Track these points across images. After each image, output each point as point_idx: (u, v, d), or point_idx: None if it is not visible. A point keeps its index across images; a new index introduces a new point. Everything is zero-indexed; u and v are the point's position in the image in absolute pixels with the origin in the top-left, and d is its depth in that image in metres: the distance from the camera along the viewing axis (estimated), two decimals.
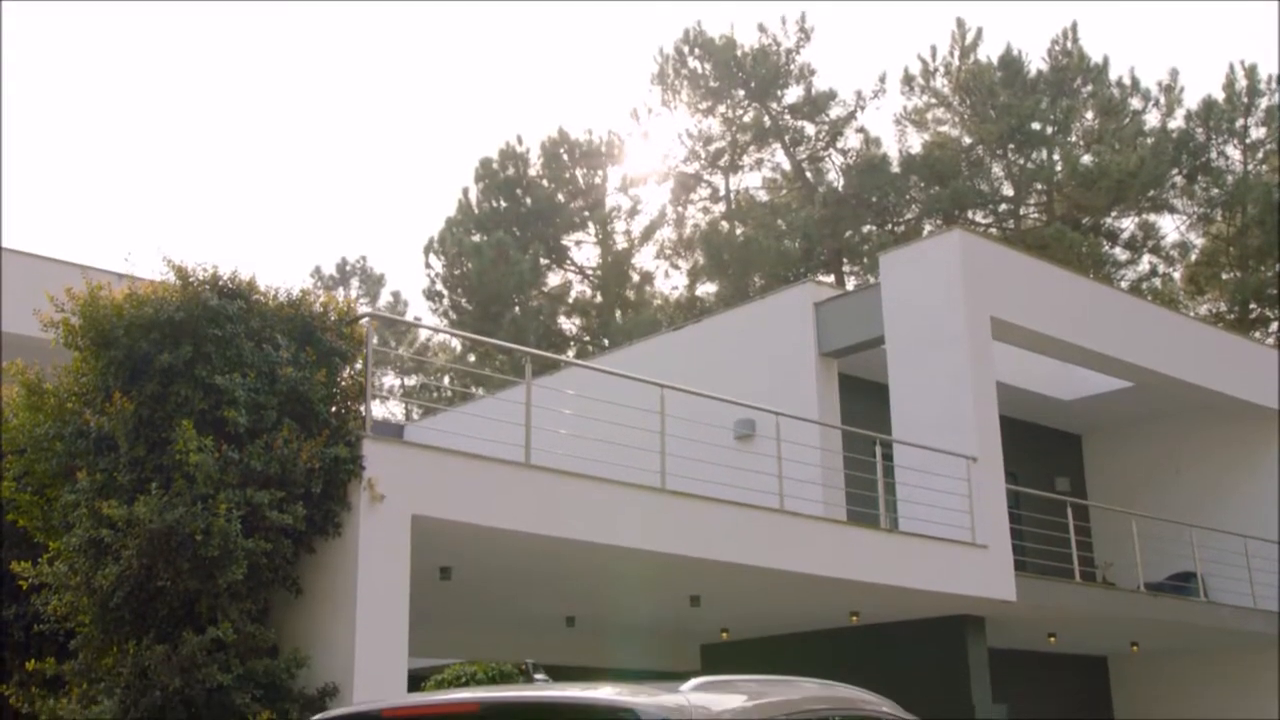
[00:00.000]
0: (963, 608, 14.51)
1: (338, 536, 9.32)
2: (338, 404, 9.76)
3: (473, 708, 4.29)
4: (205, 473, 8.58)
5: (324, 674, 9.05)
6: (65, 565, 8.91)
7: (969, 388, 14.64)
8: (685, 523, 11.42)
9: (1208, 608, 17.19)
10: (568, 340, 38.60)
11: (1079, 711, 19.19)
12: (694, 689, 4.43)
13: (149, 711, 8.39)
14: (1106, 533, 18.73)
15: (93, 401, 9.31)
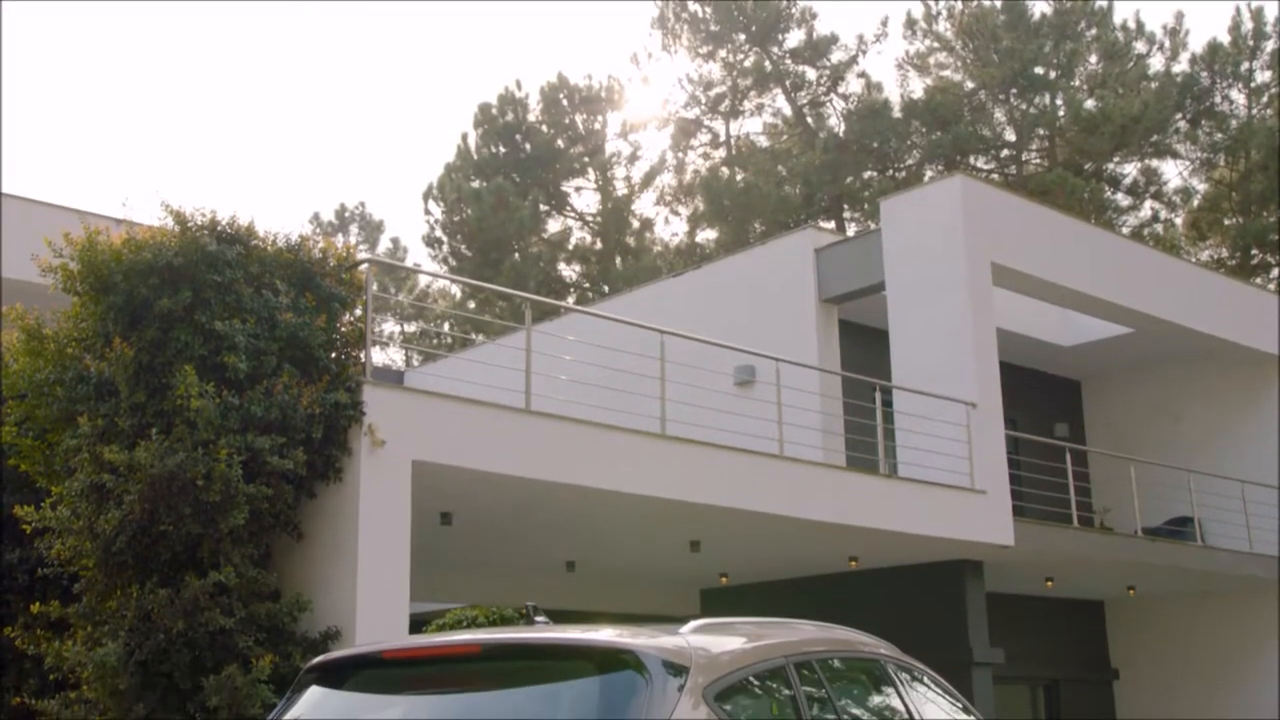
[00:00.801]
0: (961, 552, 14.60)
1: (338, 482, 9.36)
2: (338, 350, 9.77)
3: (474, 649, 4.33)
4: (206, 418, 8.60)
5: (326, 618, 9.12)
6: (67, 510, 8.96)
7: (969, 334, 14.65)
8: (685, 468, 11.46)
9: (1204, 552, 17.30)
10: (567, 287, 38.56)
11: (1075, 655, 19.38)
12: (693, 631, 4.47)
13: (153, 654, 8.47)
14: (1105, 478, 18.82)
15: (93, 347, 9.32)
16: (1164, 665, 19.23)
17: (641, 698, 3.94)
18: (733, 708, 4.21)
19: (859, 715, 5.13)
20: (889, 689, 5.45)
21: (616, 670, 4.04)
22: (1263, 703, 18.07)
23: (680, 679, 4.06)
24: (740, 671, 4.38)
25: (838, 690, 4.94)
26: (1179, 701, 18.93)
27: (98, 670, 8.53)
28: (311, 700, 4.49)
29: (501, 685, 4.25)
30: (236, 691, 8.23)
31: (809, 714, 4.60)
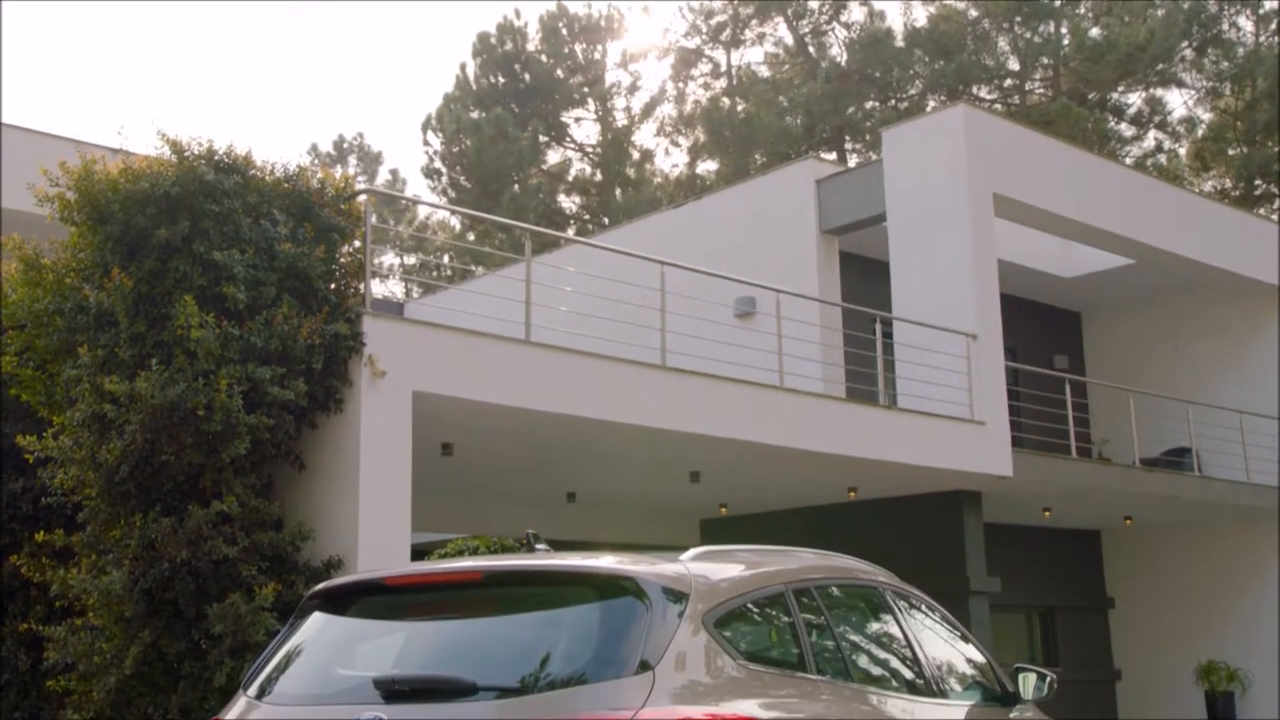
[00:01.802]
0: (960, 483, 14.68)
1: (339, 412, 9.38)
2: (337, 281, 9.74)
3: (475, 575, 4.37)
4: (206, 349, 8.60)
5: (328, 547, 9.19)
6: (69, 440, 8.99)
7: (970, 265, 14.61)
8: (685, 399, 11.48)
9: (1201, 482, 17.39)
10: (567, 219, 38.40)
11: (1071, 584, 19.56)
12: (693, 558, 4.50)
13: (157, 582, 8.54)
14: (1104, 409, 18.88)
15: (91, 277, 9.29)
16: (1159, 594, 19.42)
17: (641, 624, 3.98)
18: (732, 634, 4.25)
19: (858, 642, 5.19)
20: (887, 616, 5.50)
21: (617, 597, 4.08)
22: (1260, 631, 18.26)
23: (680, 605, 4.10)
24: (740, 598, 4.42)
25: (836, 617, 4.99)
26: (1174, 629, 19.14)
27: (103, 598, 8.61)
28: (314, 626, 4.54)
29: (502, 611, 4.29)
30: (240, 619, 8.31)
31: (808, 640, 4.64)
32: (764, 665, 4.31)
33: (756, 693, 4.09)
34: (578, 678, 3.86)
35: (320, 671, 4.42)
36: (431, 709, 3.91)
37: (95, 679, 8.75)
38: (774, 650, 4.54)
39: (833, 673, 4.66)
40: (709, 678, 4.00)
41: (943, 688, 5.46)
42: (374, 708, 3.95)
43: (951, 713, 5.33)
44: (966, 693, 5.72)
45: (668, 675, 3.86)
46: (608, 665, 3.86)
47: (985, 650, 6.24)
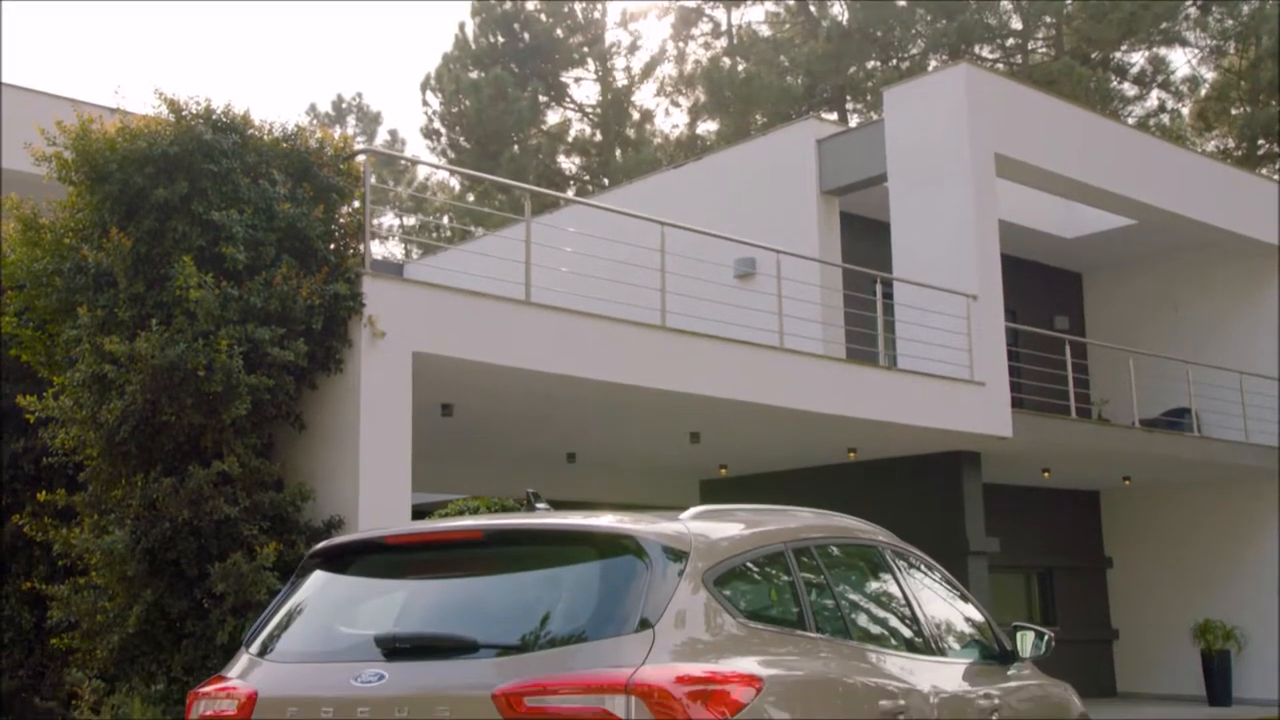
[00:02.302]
0: (959, 444, 14.70)
1: (339, 373, 9.38)
2: (336, 242, 9.72)
3: (476, 534, 4.38)
4: (206, 309, 8.59)
5: (329, 507, 9.22)
6: (70, 400, 9.00)
7: (971, 225, 14.57)
8: (685, 360, 11.48)
9: (1200, 442, 17.42)
10: (567, 180, 38.26)
11: (1070, 544, 19.64)
12: (693, 517, 4.51)
13: (159, 542, 8.57)
14: (1104, 370, 18.89)
15: (90, 237, 9.27)
16: (1157, 555, 19.50)
17: (641, 582, 3.99)
18: (732, 592, 4.27)
19: (857, 600, 5.20)
20: (886, 575, 5.52)
21: (617, 555, 4.09)
22: (1257, 591, 18.36)
23: (680, 564, 4.11)
24: (739, 557, 4.44)
25: (836, 576, 5.01)
26: (1171, 589, 19.24)
27: (105, 557, 8.65)
28: (315, 584, 4.56)
29: (503, 570, 4.31)
30: (242, 578, 8.35)
31: (807, 599, 4.66)
32: (764, 623, 4.33)
33: (756, 650, 4.11)
34: (578, 635, 3.88)
35: (322, 629, 4.44)
36: (432, 666, 3.93)
37: (99, 637, 8.81)
38: (774, 609, 4.56)
39: (832, 631, 4.68)
40: (709, 635, 4.02)
41: (941, 646, 5.49)
42: (375, 665, 3.97)
43: (950, 670, 5.36)
44: (965, 651, 5.75)
45: (668, 633, 3.88)
46: (608, 623, 3.88)
47: (983, 609, 6.27)
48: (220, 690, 4.25)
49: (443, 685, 3.85)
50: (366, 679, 3.93)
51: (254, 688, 4.16)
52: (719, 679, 3.83)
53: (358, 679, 3.95)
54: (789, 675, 4.15)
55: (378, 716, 3.88)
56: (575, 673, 3.72)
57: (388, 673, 3.93)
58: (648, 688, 3.66)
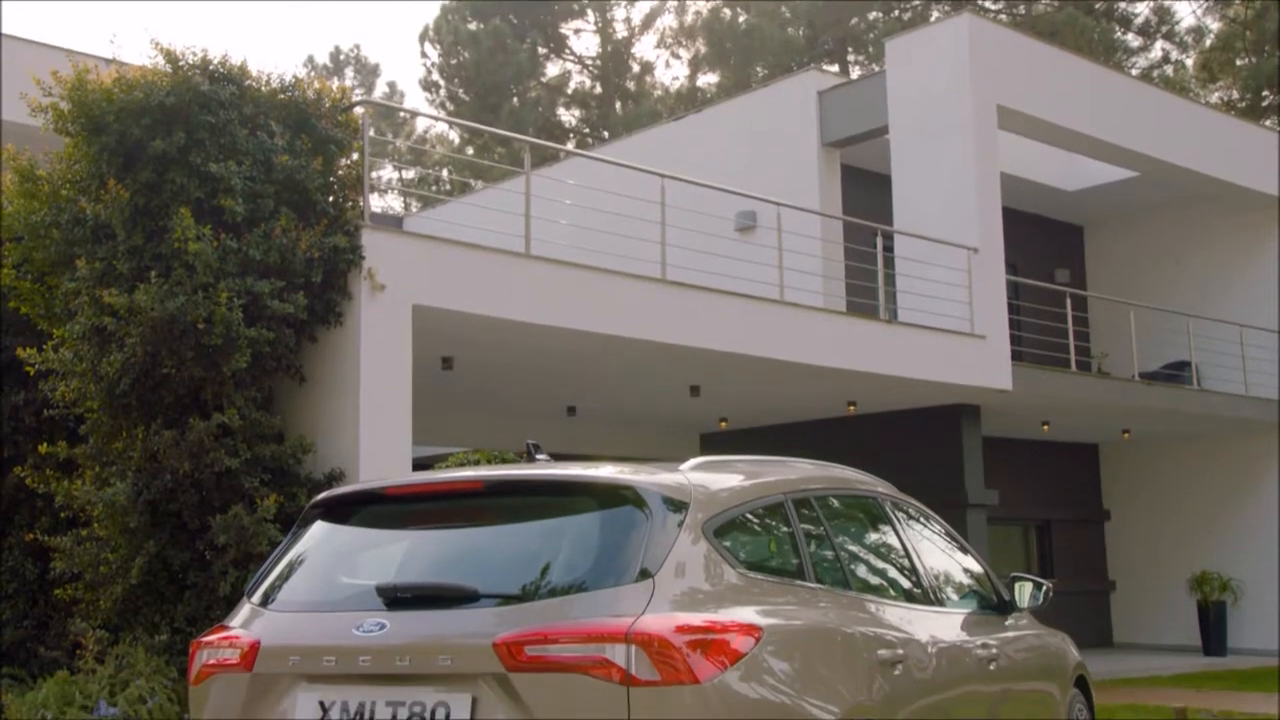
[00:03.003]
0: (959, 397, 14.72)
1: (339, 326, 9.38)
2: (335, 194, 9.68)
3: (476, 485, 4.39)
4: (205, 261, 8.57)
5: (330, 460, 9.24)
6: (70, 352, 9.00)
7: (972, 178, 14.51)
8: (685, 313, 11.48)
9: (1200, 395, 17.45)
10: (567, 132, 38.05)
11: (1068, 496, 19.72)
12: (693, 469, 4.53)
13: (160, 494, 8.60)
14: (1105, 323, 18.88)
15: (87, 189, 9.23)
16: (1156, 507, 19.59)
17: (642, 532, 4.01)
18: (731, 543, 4.28)
19: (856, 551, 5.23)
20: (886, 526, 5.54)
21: (617, 506, 4.10)
22: (1254, 543, 18.45)
23: (680, 515, 4.12)
24: (739, 508, 4.45)
25: (835, 527, 5.03)
26: (1169, 542, 19.34)
27: (107, 509, 8.68)
28: (316, 535, 4.57)
29: (503, 521, 4.32)
30: (244, 530, 8.38)
31: (807, 550, 4.68)
32: (763, 573, 4.35)
33: (756, 600, 4.13)
34: (578, 585, 3.90)
35: (323, 579, 4.46)
36: (433, 616, 3.95)
37: (102, 588, 8.86)
38: (773, 559, 4.58)
39: (831, 581, 4.70)
40: (708, 585, 4.04)
41: (940, 596, 5.53)
42: (377, 614, 3.99)
43: (948, 620, 5.39)
44: (963, 601, 5.79)
45: (667, 583, 3.90)
46: (608, 573, 3.90)
47: (982, 560, 6.30)
48: (223, 639, 4.28)
49: (444, 634, 3.88)
50: (368, 628, 3.96)
51: (256, 637, 4.19)
52: (718, 628, 3.85)
53: (359, 628, 3.97)
54: (788, 625, 4.17)
55: (379, 665, 3.91)
56: (576, 622, 3.74)
57: (389, 622, 3.95)
58: (648, 637, 3.68)
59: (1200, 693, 13.15)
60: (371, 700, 3.93)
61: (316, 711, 4.00)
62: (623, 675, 3.64)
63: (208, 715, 4.26)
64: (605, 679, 3.65)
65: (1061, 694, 6.20)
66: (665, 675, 3.67)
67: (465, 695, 3.80)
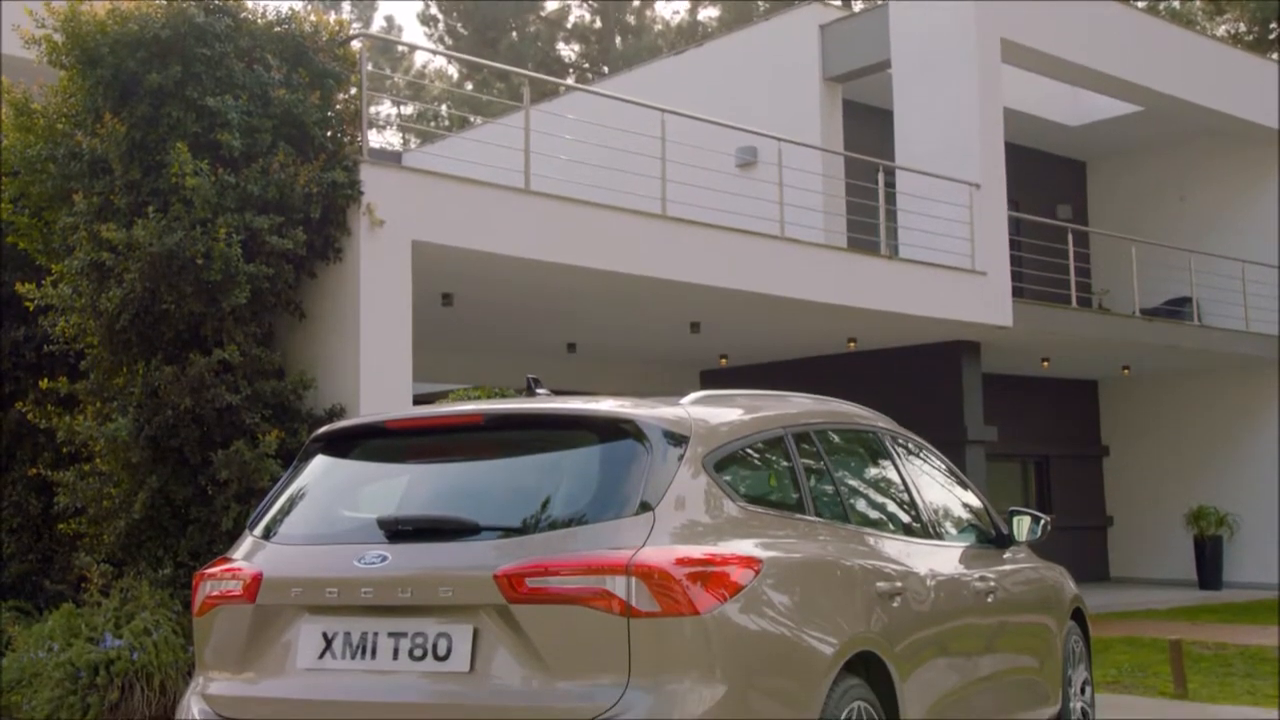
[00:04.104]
0: (959, 333, 14.72)
1: (338, 262, 9.35)
2: (333, 129, 9.60)
3: (476, 419, 4.39)
4: (202, 196, 8.52)
5: (330, 396, 9.25)
6: (69, 288, 8.97)
7: (975, 113, 14.40)
8: (685, 249, 11.44)
9: (1200, 331, 17.45)
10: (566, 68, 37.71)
11: (1067, 432, 19.79)
12: (693, 402, 4.53)
13: (162, 429, 8.62)
14: (1106, 260, 18.84)
15: (83, 123, 9.16)
16: (1155, 443, 19.66)
17: (642, 465, 4.02)
18: (731, 477, 4.30)
19: (856, 485, 5.25)
20: (885, 460, 5.57)
21: (617, 439, 4.11)
22: (1252, 477, 18.54)
23: (680, 448, 4.13)
24: (739, 441, 4.46)
25: (835, 461, 5.04)
26: (1167, 477, 19.44)
27: (109, 444, 8.71)
28: (318, 469, 4.59)
29: (504, 454, 4.34)
30: (245, 465, 8.41)
31: (806, 483, 4.70)
32: (763, 507, 4.37)
33: (755, 533, 4.15)
34: (578, 518, 3.92)
35: (324, 512, 4.49)
36: (434, 548, 3.98)
37: (105, 523, 8.91)
38: (773, 493, 4.60)
39: (831, 515, 4.73)
40: (708, 518, 4.06)
41: (939, 530, 5.56)
42: (378, 547, 4.02)
43: (947, 554, 5.43)
44: (962, 535, 5.83)
45: (668, 516, 3.91)
46: (608, 506, 3.92)
47: (981, 494, 6.33)
48: (226, 571, 4.31)
49: (445, 566, 3.90)
50: (369, 560, 3.98)
51: (259, 569, 4.22)
52: (718, 561, 3.87)
53: (361, 560, 4.00)
54: (787, 557, 4.20)
55: (381, 597, 3.94)
56: (576, 554, 3.77)
57: (390, 554, 3.97)
58: (648, 569, 3.70)
59: (1195, 625, 13.28)
60: (374, 631, 3.97)
61: (320, 642, 4.04)
62: (623, 607, 3.67)
63: (212, 646, 4.30)
64: (605, 610, 3.68)
65: (1058, 626, 6.26)
66: (665, 607, 3.69)
67: (467, 626, 3.83)
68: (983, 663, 5.37)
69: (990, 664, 5.45)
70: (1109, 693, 8.71)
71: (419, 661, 3.88)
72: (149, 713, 7.89)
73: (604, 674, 3.67)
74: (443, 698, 3.82)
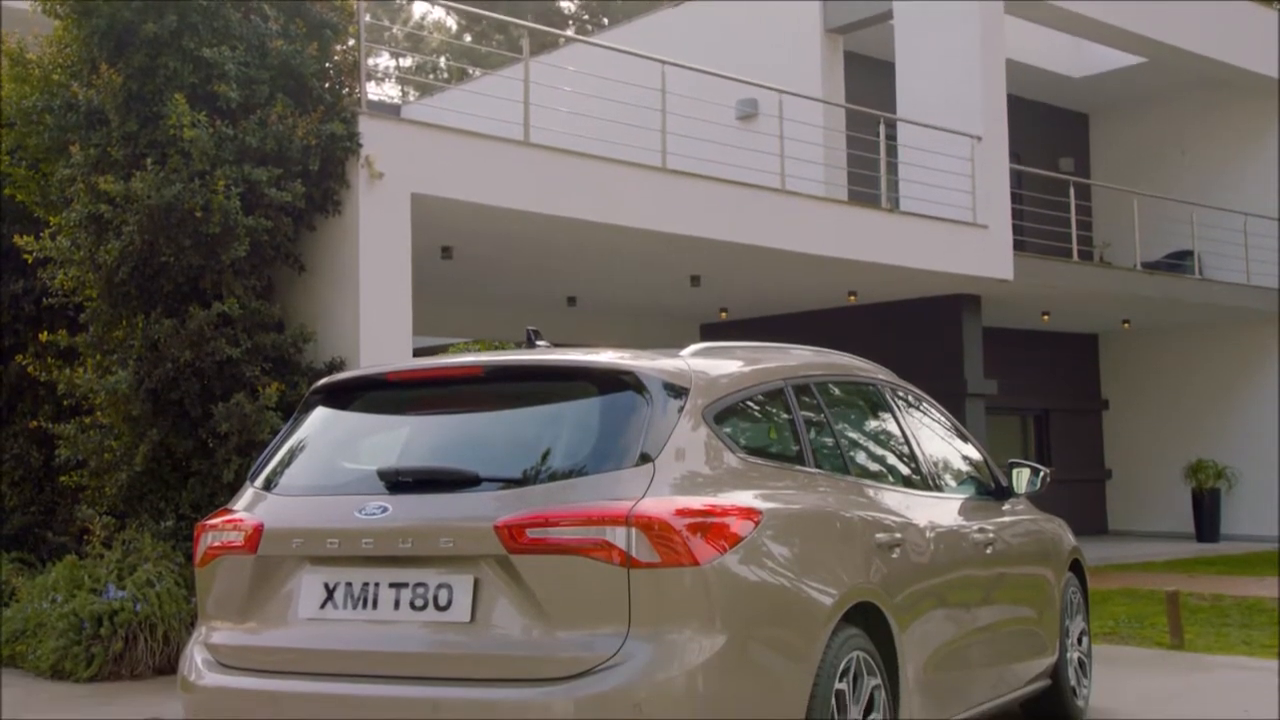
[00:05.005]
0: (960, 287, 14.70)
1: (338, 215, 9.32)
2: (331, 81, 9.55)
3: (476, 370, 4.39)
4: (201, 148, 8.48)
5: (330, 349, 9.25)
6: (67, 240, 8.94)
7: (977, 65, 14.29)
8: (686, 202, 11.40)
9: (1201, 285, 17.43)
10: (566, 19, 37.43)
11: (1067, 386, 19.81)
12: (693, 354, 4.52)
13: (162, 382, 8.62)
14: (1108, 213, 18.77)
15: (79, 74, 9.09)
16: (1154, 397, 19.69)
17: (642, 417, 4.01)
18: (731, 428, 4.30)
19: (856, 438, 5.25)
20: (885, 413, 5.56)
21: (617, 390, 4.10)
22: (1252, 431, 18.58)
23: (680, 400, 4.13)
24: (739, 393, 4.46)
25: (835, 413, 5.04)
26: (1167, 431, 19.48)
27: (110, 397, 8.72)
28: (318, 421, 4.59)
29: (504, 406, 4.33)
30: (246, 418, 8.42)
31: (806, 435, 4.70)
32: (763, 459, 4.37)
33: (755, 484, 4.16)
34: (578, 469, 3.92)
35: (325, 464, 4.49)
36: (435, 499, 3.98)
37: (107, 475, 8.94)
38: (773, 444, 4.60)
39: (830, 467, 4.73)
40: (708, 470, 4.06)
41: (938, 482, 5.57)
42: (379, 498, 4.02)
43: (946, 505, 5.44)
44: (961, 487, 5.83)
45: (668, 467, 3.91)
46: (608, 457, 3.92)
47: (980, 446, 6.34)
48: (227, 522, 4.32)
49: (445, 517, 3.91)
50: (370, 511, 3.99)
51: (260, 520, 4.22)
52: (718, 512, 3.88)
53: (361, 511, 4.00)
54: (787, 509, 4.21)
55: (382, 547, 3.95)
56: (576, 505, 3.77)
57: (391, 505, 3.98)
58: (648, 519, 3.71)
59: (1192, 577, 13.36)
60: (375, 582, 3.98)
61: (321, 592, 4.06)
62: (623, 557, 3.68)
63: (214, 596, 4.31)
64: (606, 561, 3.69)
65: (1056, 577, 6.28)
66: (665, 558, 3.70)
67: (467, 577, 3.85)
68: (981, 613, 5.40)
69: (988, 614, 5.48)
70: (1106, 643, 8.77)
71: (420, 612, 3.89)
72: (153, 663, 7.96)
73: (604, 624, 3.69)
74: (444, 647, 3.84)
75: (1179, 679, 7.58)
